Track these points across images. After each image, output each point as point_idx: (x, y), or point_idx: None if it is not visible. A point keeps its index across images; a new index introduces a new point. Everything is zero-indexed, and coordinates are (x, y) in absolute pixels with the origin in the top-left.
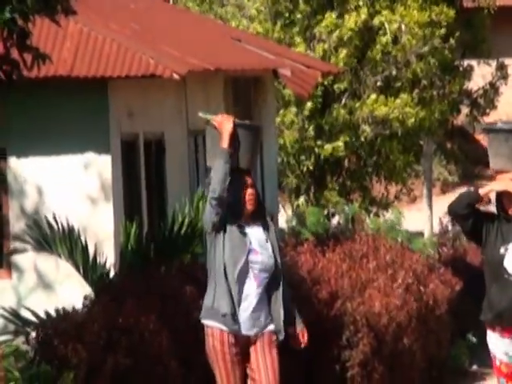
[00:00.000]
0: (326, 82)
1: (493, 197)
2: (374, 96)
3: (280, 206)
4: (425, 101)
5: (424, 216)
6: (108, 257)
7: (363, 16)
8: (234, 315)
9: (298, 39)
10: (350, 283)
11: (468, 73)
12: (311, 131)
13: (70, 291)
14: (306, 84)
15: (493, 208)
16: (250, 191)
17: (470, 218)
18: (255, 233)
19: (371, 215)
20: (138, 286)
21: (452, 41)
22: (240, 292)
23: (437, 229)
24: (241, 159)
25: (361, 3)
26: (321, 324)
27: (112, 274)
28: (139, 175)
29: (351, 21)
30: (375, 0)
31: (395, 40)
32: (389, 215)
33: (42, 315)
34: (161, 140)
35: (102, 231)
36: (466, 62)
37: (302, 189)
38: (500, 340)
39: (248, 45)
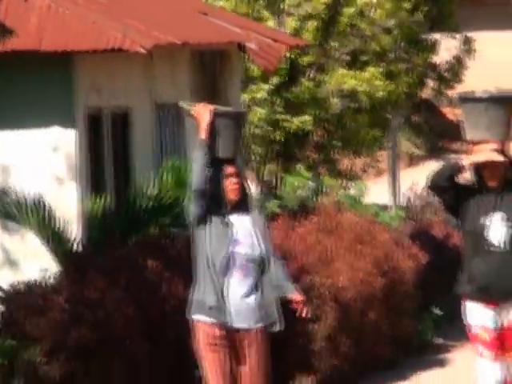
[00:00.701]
0: (292, 56)
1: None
2: (341, 69)
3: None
4: (392, 74)
5: (390, 189)
6: (74, 231)
7: None
8: (221, 307)
9: (265, 13)
10: (318, 257)
11: (434, 46)
12: (279, 105)
13: (36, 268)
14: (273, 58)
15: (471, 180)
16: (232, 181)
17: (450, 190)
18: (240, 223)
19: (338, 188)
20: (104, 260)
21: (419, 15)
22: (226, 284)
23: (403, 202)
24: (222, 148)
25: None
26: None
27: (78, 248)
28: (104, 149)
29: None
30: None
31: (362, 13)
32: (355, 188)
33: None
34: (127, 114)
35: (67, 206)
36: (432, 36)
37: (270, 158)
38: (483, 309)
39: (215, 19)
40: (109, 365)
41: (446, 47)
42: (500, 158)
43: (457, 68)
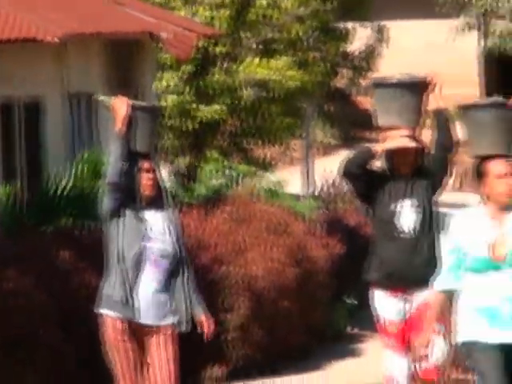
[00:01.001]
0: (205, 45)
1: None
2: (253, 59)
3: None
4: (305, 63)
5: (304, 178)
6: None
7: None
8: (129, 303)
9: (178, 3)
10: (232, 247)
11: (347, 35)
12: (190, 94)
13: None
14: (186, 47)
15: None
16: (146, 176)
17: (362, 177)
18: (154, 219)
19: (252, 177)
20: (15, 251)
21: (331, 3)
22: (137, 279)
23: (316, 191)
24: (139, 143)
25: None
26: (202, 288)
27: None
28: (15, 138)
29: None
30: None
31: (275, 2)
32: (270, 178)
33: None
34: (39, 103)
35: None
36: (345, 25)
37: (184, 149)
38: (390, 299)
39: (129, 9)
40: (22, 353)
41: (360, 36)
42: (412, 143)
43: (370, 57)
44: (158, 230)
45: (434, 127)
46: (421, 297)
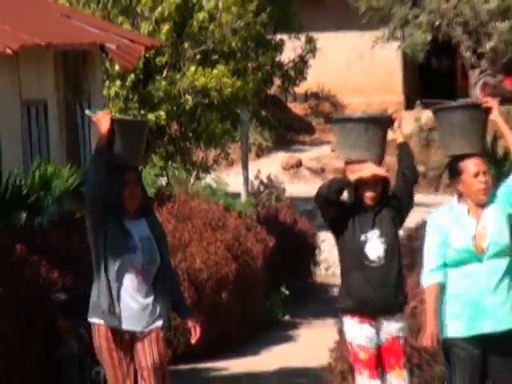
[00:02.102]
0: (148, 56)
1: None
2: (193, 68)
3: None
4: (240, 72)
5: (241, 178)
6: None
7: None
8: (115, 311)
9: (121, 18)
10: (174, 242)
11: (279, 46)
12: (135, 102)
13: None
14: (131, 57)
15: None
16: (130, 188)
17: (336, 203)
18: (138, 230)
19: (193, 178)
20: None
21: (264, 16)
22: (122, 288)
23: (252, 190)
24: (122, 156)
25: None
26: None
27: None
28: None
29: None
30: None
31: (212, 16)
32: (210, 178)
33: None
34: None
35: None
36: (278, 37)
37: None
38: (361, 325)
39: (77, 21)
40: None
41: (292, 47)
42: (383, 172)
43: (301, 66)
44: (141, 239)
45: (398, 160)
46: (392, 328)
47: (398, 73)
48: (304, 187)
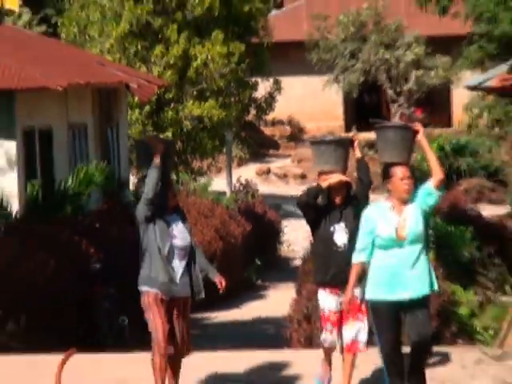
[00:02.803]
0: (159, 92)
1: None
2: (191, 101)
3: (130, 174)
4: (226, 104)
5: (226, 181)
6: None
7: (182, 46)
8: (171, 282)
9: (139, 64)
10: None
11: (255, 86)
12: (150, 125)
13: None
14: (147, 93)
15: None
16: (171, 192)
17: (314, 206)
18: (176, 222)
19: (192, 181)
20: (42, 228)
21: (243, 65)
22: (173, 264)
23: (234, 190)
24: (168, 169)
25: (180, 40)
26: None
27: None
28: (35, 155)
29: (174, 50)
30: (191, 38)
31: (205, 64)
32: (202, 180)
33: None
34: (50, 131)
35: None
36: (253, 79)
37: None
38: (331, 296)
39: (108, 67)
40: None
41: (263, 86)
42: (347, 179)
43: (270, 101)
44: (178, 229)
45: (356, 170)
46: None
47: (339, 105)
48: (272, 188)
